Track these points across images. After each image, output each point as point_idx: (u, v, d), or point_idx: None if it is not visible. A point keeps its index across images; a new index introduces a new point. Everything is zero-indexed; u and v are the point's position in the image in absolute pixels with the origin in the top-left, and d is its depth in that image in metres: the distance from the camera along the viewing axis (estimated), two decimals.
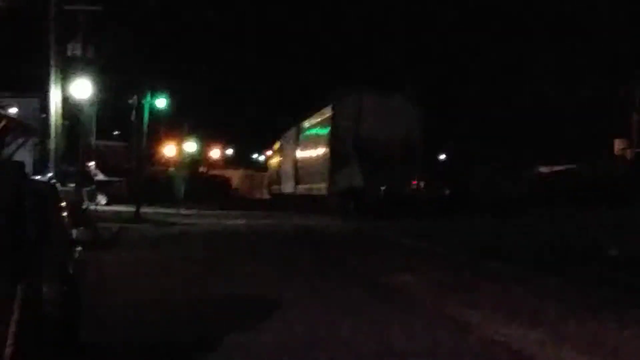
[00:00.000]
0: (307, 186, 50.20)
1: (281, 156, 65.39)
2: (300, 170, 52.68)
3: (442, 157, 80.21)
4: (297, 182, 53.50)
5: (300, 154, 53.48)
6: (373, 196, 41.59)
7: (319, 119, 48.02)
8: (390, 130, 41.72)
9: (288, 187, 58.07)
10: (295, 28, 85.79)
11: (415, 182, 44.72)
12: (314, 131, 49.72)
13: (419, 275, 17.03)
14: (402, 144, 41.90)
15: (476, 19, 67.72)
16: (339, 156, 42.76)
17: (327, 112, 45.15)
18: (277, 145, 70.59)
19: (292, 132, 57.92)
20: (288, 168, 58.45)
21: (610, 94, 52.38)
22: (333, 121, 43.80)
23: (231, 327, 10.83)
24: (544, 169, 57.61)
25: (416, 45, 72.66)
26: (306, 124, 52.64)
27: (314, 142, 48.96)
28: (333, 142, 43.54)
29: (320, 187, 45.46)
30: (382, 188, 41.88)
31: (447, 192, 64.39)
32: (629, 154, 49.61)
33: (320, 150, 46.47)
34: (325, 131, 45.58)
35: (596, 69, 53.90)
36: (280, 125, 67.10)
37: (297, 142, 54.63)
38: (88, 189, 32.93)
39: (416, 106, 43.59)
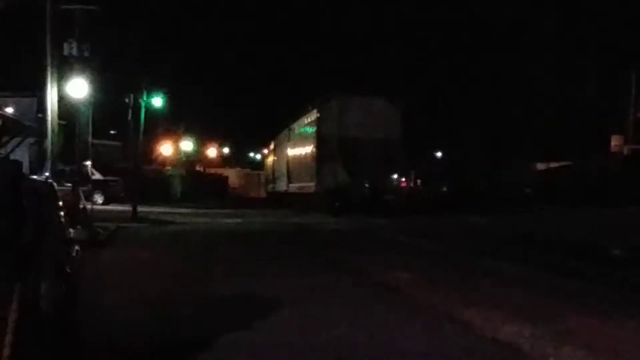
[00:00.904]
0: (298, 184, 52.32)
1: (275, 156, 67.58)
2: (292, 170, 55.07)
3: (439, 154, 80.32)
4: (290, 180, 55.78)
5: (291, 154, 55.78)
6: (357, 193, 43.74)
7: (307, 121, 50.24)
8: (372, 131, 43.84)
9: (282, 185, 60.20)
10: (291, 32, 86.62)
11: (403, 180, 46.58)
12: (302, 132, 51.99)
13: (416, 273, 17.02)
14: (383, 144, 43.88)
15: (475, 19, 67.90)
16: (324, 156, 45.01)
17: (314, 115, 47.48)
18: (272, 145, 71.66)
19: (284, 133, 60.06)
20: (281, 167, 60.70)
21: (608, 90, 52.50)
22: (318, 123, 46.13)
23: (229, 326, 10.83)
24: (540, 166, 57.68)
25: (415, 44, 72.85)
26: (296, 125, 54.83)
27: (302, 142, 51.24)
28: (319, 142, 45.82)
29: (310, 185, 47.51)
30: (367, 185, 43.84)
31: (445, 189, 64.53)
32: (625, 150, 49.67)
33: (309, 150, 48.66)
34: (312, 132, 47.78)
35: (593, 66, 54.02)
36: (276, 124, 67.87)
37: (289, 143, 56.96)
38: (85, 188, 32.89)
39: (397, 108, 45.73)
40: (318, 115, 46.43)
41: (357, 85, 66.21)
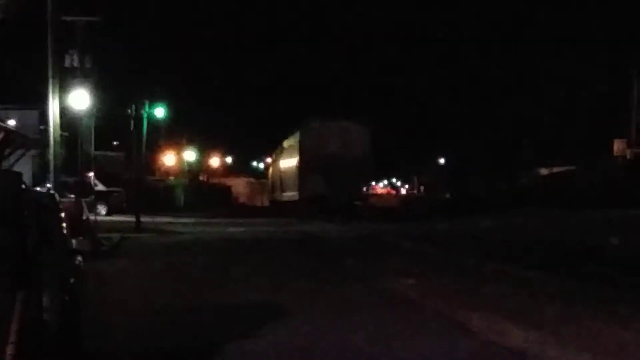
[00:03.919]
0: (287, 193, 60.12)
1: (273, 167, 73.57)
2: (283, 180, 62.58)
3: (442, 161, 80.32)
4: (282, 190, 63.25)
5: (283, 166, 63.32)
6: (334, 201, 51.42)
7: (293, 140, 58.84)
8: (345, 149, 52.67)
9: (277, 195, 67.13)
10: (292, 44, 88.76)
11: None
12: (290, 149, 60.35)
13: (419, 279, 17.00)
14: (354, 159, 52.38)
15: (479, 20, 68.37)
16: (306, 169, 53.60)
17: (297, 136, 56.78)
18: (272, 157, 76.73)
19: (280, 148, 67.15)
20: (277, 178, 67.73)
21: (610, 94, 52.50)
22: (301, 143, 55.30)
23: (232, 334, 10.82)
24: (543, 171, 57.64)
25: (414, 48, 73.05)
26: (286, 142, 63.35)
27: (290, 157, 59.22)
28: (301, 158, 54.50)
29: (295, 194, 56.13)
30: (341, 193, 51.45)
31: (448, 195, 64.64)
32: (628, 154, 49.59)
33: (294, 164, 56.84)
34: (296, 149, 56.23)
35: (596, 70, 54.01)
36: (277, 134, 69.53)
37: (281, 156, 64.47)
38: (88, 199, 32.90)
39: (367, 128, 55.14)
40: (300, 136, 55.60)
41: (344, 101, 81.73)
